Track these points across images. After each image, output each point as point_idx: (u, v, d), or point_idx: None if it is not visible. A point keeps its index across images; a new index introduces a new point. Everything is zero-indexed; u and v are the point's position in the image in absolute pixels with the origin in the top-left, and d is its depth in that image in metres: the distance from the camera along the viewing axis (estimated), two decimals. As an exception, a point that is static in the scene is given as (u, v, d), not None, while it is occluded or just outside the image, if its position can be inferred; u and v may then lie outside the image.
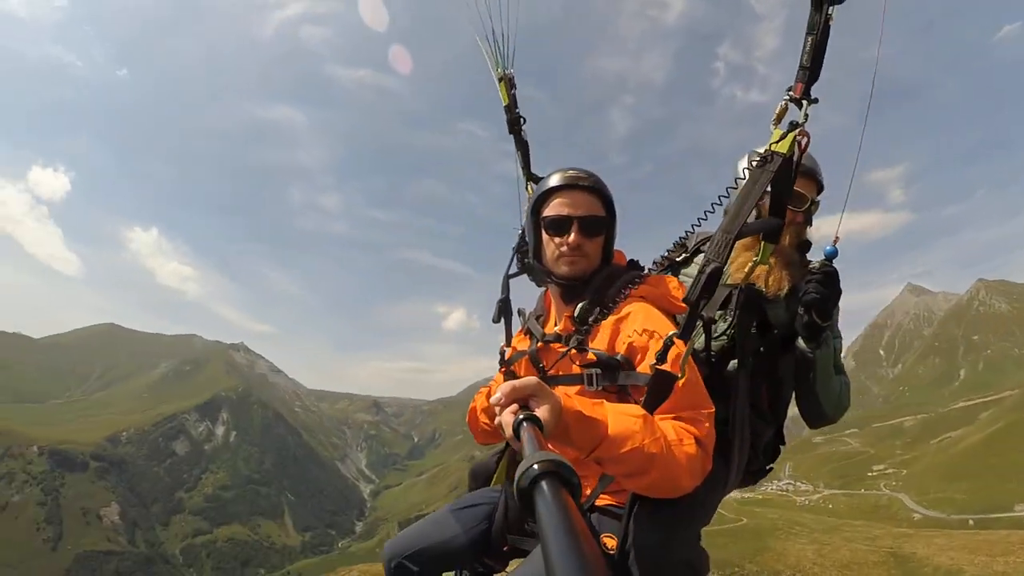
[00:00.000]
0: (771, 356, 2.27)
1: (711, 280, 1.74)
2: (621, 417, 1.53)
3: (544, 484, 0.76)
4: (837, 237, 2.09)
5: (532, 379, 1.37)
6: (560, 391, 1.46)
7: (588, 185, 2.05)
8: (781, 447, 2.43)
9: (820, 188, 2.50)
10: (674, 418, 1.67)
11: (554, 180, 2.08)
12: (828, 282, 2.10)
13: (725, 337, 2.19)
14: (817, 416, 2.37)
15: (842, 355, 2.42)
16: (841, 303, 2.22)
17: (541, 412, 1.28)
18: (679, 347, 1.71)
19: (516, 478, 0.81)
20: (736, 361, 2.12)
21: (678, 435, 1.61)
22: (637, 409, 1.61)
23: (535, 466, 0.80)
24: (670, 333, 1.73)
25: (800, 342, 2.25)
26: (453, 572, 2.41)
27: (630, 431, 1.51)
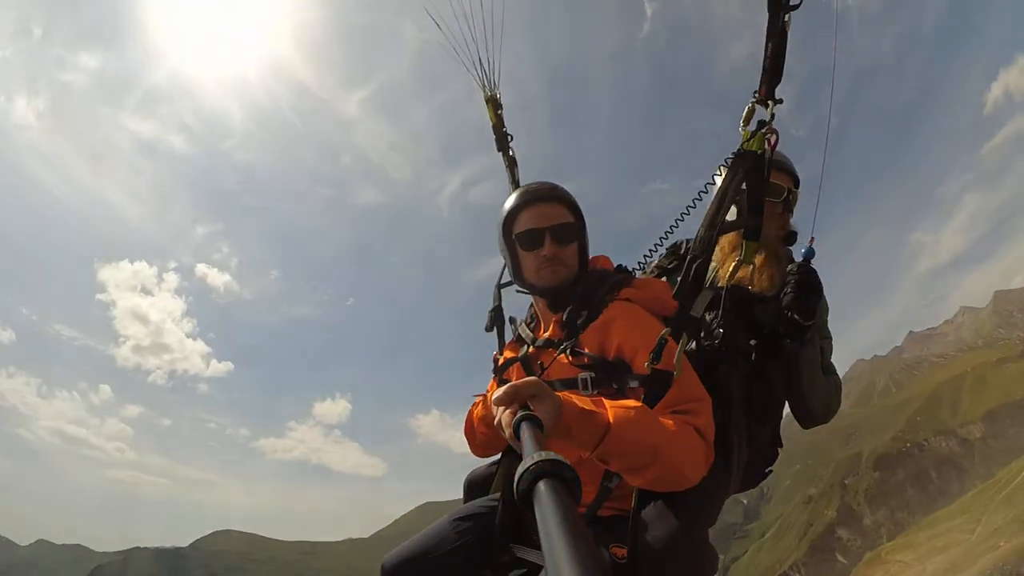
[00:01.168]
0: (761, 357, 2.27)
1: (697, 275, 1.83)
2: (621, 410, 1.53)
3: (544, 484, 0.75)
4: (812, 237, 2.16)
5: (533, 379, 1.37)
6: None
7: (552, 195, 2.11)
8: (779, 449, 2.44)
9: (796, 180, 2.57)
10: (672, 412, 1.69)
11: (519, 198, 2.13)
12: (805, 282, 2.19)
13: (714, 339, 2.18)
14: (806, 416, 2.40)
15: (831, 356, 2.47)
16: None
17: (542, 411, 1.27)
18: (672, 345, 1.76)
19: (516, 478, 0.80)
20: (728, 362, 2.12)
21: (678, 426, 1.63)
22: (635, 403, 1.61)
23: (535, 465, 0.79)
24: (663, 331, 1.77)
25: (786, 341, 2.28)
26: None
27: (632, 422, 1.51)
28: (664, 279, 2.57)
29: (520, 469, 0.80)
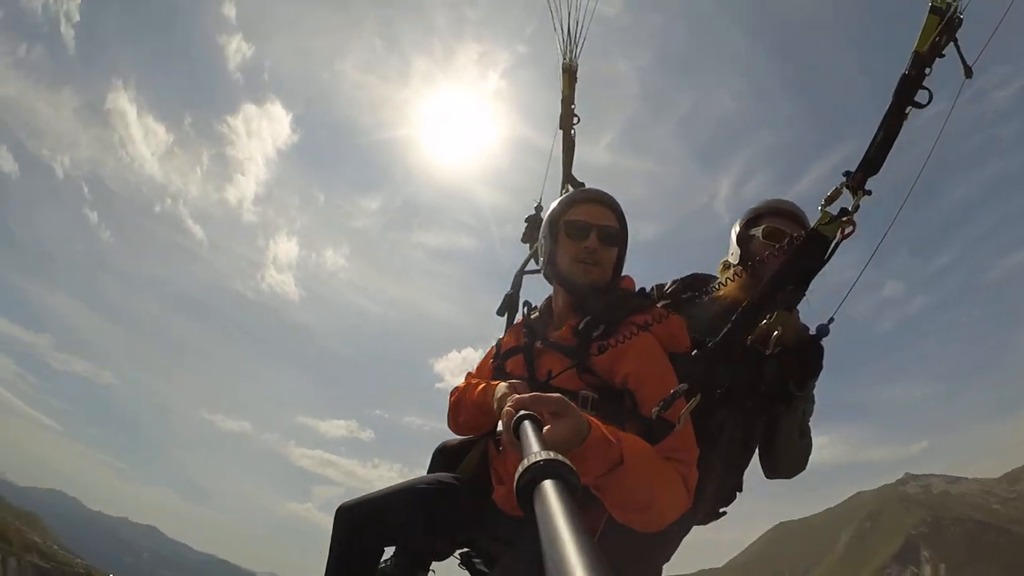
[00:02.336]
0: (752, 411, 2.37)
1: (730, 347, 1.82)
2: (636, 450, 1.50)
3: (547, 484, 0.70)
4: (832, 318, 2.13)
5: (559, 397, 1.33)
6: None
7: (608, 202, 2.14)
8: (739, 493, 2.59)
9: None
10: (665, 457, 1.68)
11: (577, 193, 2.25)
12: (810, 356, 2.26)
13: (720, 388, 2.19)
14: (772, 471, 2.53)
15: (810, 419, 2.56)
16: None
17: (560, 428, 1.26)
18: (682, 401, 1.71)
19: (516, 475, 0.76)
20: (725, 410, 2.19)
21: (671, 475, 1.64)
22: (644, 443, 1.60)
23: (537, 464, 0.75)
24: (679, 387, 1.71)
25: (775, 401, 2.37)
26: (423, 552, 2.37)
27: (643, 466, 1.49)
28: (672, 306, 2.50)
29: (521, 467, 0.76)
